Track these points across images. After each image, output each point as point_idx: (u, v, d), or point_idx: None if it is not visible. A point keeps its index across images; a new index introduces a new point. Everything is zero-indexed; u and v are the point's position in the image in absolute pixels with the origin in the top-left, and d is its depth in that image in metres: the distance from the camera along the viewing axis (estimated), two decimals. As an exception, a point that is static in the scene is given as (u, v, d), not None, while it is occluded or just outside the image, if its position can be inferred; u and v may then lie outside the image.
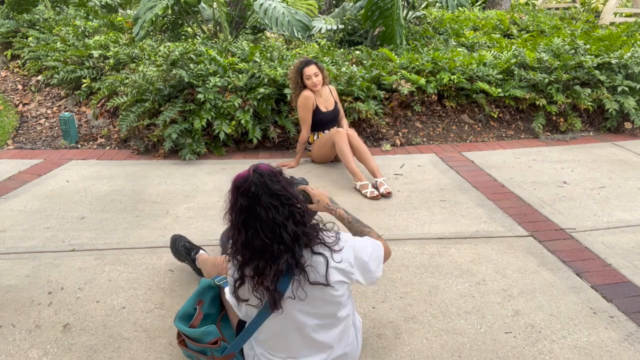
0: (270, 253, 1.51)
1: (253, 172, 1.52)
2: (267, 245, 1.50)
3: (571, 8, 11.35)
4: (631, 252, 2.77)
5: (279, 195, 1.51)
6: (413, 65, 4.98)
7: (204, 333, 1.75)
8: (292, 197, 1.54)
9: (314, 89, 3.89)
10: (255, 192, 1.49)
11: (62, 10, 8.08)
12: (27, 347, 2.05)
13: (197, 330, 1.77)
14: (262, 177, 1.51)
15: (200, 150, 4.25)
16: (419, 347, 2.05)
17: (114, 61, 5.20)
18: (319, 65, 3.90)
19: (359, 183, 3.61)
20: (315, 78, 3.85)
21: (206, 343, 1.75)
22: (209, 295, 1.90)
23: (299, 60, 3.95)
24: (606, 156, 4.33)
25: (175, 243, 2.52)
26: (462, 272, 2.58)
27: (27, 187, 3.69)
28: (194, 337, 1.76)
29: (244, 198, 1.50)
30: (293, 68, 3.94)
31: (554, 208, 3.33)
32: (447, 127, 4.91)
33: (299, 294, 1.56)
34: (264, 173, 1.53)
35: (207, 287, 1.91)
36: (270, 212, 1.48)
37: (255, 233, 1.50)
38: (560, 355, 2.00)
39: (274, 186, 1.51)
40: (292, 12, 5.25)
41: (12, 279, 2.52)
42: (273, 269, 1.51)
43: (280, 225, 1.50)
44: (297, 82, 3.91)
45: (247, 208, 1.49)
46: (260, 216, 1.49)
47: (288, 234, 1.50)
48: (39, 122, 5.27)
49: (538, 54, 5.18)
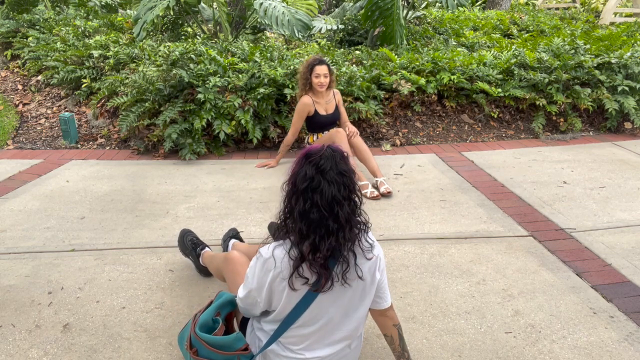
0: (325, 229, 1.53)
1: (327, 147, 1.58)
2: (323, 218, 1.52)
3: (571, 8, 11.35)
4: (631, 252, 2.77)
5: (344, 175, 1.55)
6: (413, 65, 4.98)
7: (236, 339, 1.73)
8: (353, 183, 1.58)
9: (320, 89, 3.88)
10: (324, 164, 1.53)
11: (62, 10, 8.08)
12: (27, 347, 2.05)
13: (229, 337, 1.74)
14: (335, 153, 1.56)
15: (200, 150, 4.25)
16: (419, 347, 2.05)
17: (114, 61, 5.20)
18: (330, 68, 3.89)
19: (359, 183, 3.61)
20: (324, 78, 3.84)
21: (237, 349, 1.73)
22: (226, 311, 1.88)
23: (313, 57, 3.93)
24: (606, 156, 4.33)
25: (184, 237, 2.55)
26: (462, 272, 2.58)
27: (27, 187, 3.69)
28: (223, 344, 1.73)
29: (311, 167, 1.53)
30: (305, 62, 3.92)
31: (554, 208, 3.33)
32: (447, 127, 4.91)
33: (342, 279, 1.60)
34: (337, 151, 1.58)
35: (228, 302, 1.88)
36: (333, 187, 1.52)
37: (313, 205, 1.52)
38: (560, 355, 2.00)
39: (342, 165, 1.56)
40: (292, 12, 5.25)
41: (12, 279, 2.52)
42: (326, 246, 1.53)
43: (339, 202, 1.53)
44: (307, 77, 3.89)
45: (312, 177, 1.52)
46: (323, 189, 1.51)
47: (343, 214, 1.54)
48: (39, 122, 5.27)
49: (538, 54, 5.18)
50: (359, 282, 1.63)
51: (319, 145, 1.59)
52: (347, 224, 1.55)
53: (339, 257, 1.57)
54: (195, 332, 1.77)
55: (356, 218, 1.59)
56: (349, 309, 1.67)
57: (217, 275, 2.28)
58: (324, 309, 1.64)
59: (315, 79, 3.85)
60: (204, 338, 1.74)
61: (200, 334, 1.75)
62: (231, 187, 3.68)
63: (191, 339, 1.78)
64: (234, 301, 1.90)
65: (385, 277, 1.75)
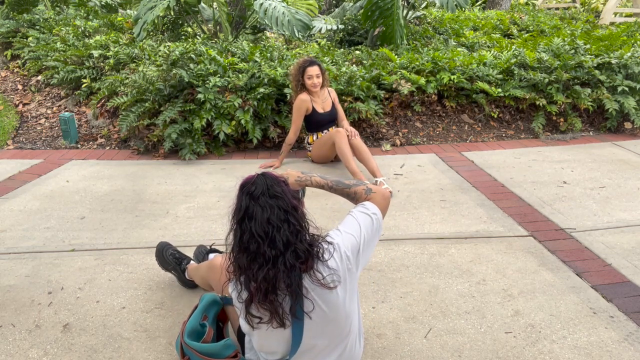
0: (263, 257, 1.47)
1: (258, 175, 1.55)
2: (260, 246, 1.47)
3: (571, 8, 11.35)
4: (631, 252, 2.77)
5: (277, 197, 1.50)
6: (413, 65, 4.98)
7: (224, 346, 1.70)
8: (290, 204, 1.52)
9: (313, 89, 3.90)
10: (256, 190, 1.50)
11: (62, 10, 8.08)
12: (27, 347, 2.05)
13: (217, 344, 1.70)
14: (266, 179, 1.53)
15: (200, 150, 4.25)
16: (419, 347, 2.05)
17: (114, 61, 5.20)
18: (321, 67, 3.91)
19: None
20: (317, 79, 3.86)
21: (225, 357, 1.70)
22: (213, 311, 1.86)
23: (303, 58, 3.95)
24: (606, 156, 4.33)
25: (163, 251, 2.42)
26: (462, 272, 2.58)
27: (27, 187, 3.69)
28: (211, 352, 1.69)
29: (245, 197, 1.51)
30: (296, 65, 3.94)
31: (554, 208, 3.33)
32: (447, 127, 4.91)
33: (308, 306, 1.52)
34: (269, 176, 1.55)
35: (212, 302, 1.87)
36: (266, 211, 1.48)
37: (250, 235, 1.48)
38: (560, 355, 2.00)
39: (274, 188, 1.52)
40: (292, 12, 5.25)
41: (12, 279, 2.52)
42: (262, 275, 1.47)
43: (274, 227, 1.47)
44: (298, 79, 3.91)
45: (247, 206, 1.50)
46: (256, 215, 1.48)
47: (281, 237, 1.47)
48: (39, 122, 5.27)
49: (538, 54, 5.18)
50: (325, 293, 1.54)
51: (252, 175, 1.55)
52: (287, 249, 1.47)
53: (293, 289, 1.49)
54: (184, 341, 1.75)
55: (302, 244, 1.50)
56: (341, 322, 1.60)
57: (203, 285, 2.24)
58: (315, 336, 1.59)
59: (307, 80, 3.87)
60: (193, 346, 1.72)
61: (189, 342, 1.73)
62: (231, 187, 3.68)
63: (182, 348, 1.78)
64: (217, 300, 1.90)
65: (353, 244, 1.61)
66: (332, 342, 1.63)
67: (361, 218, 1.67)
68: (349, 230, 1.63)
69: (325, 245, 1.55)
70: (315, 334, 1.58)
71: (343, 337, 1.64)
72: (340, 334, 1.63)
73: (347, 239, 1.61)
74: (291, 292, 1.49)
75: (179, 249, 2.50)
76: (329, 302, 1.54)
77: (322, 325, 1.57)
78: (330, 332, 1.60)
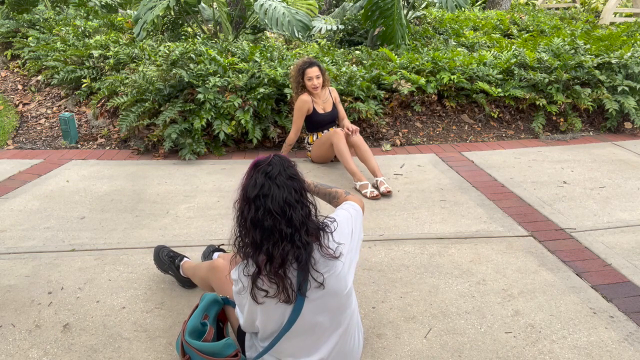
0: (279, 234, 1.53)
1: (274, 156, 1.62)
2: (276, 223, 1.52)
3: (571, 8, 11.35)
4: (631, 252, 2.77)
5: (294, 179, 1.58)
6: (413, 65, 4.98)
7: (225, 346, 1.71)
8: (304, 188, 1.61)
9: (314, 90, 3.90)
10: (273, 170, 1.56)
11: (62, 10, 8.08)
12: (27, 347, 2.05)
13: (217, 343, 1.71)
14: (282, 160, 1.61)
15: (200, 150, 4.25)
16: (419, 347, 2.05)
17: (114, 61, 5.20)
18: (321, 67, 3.90)
19: (358, 183, 3.61)
20: (317, 80, 3.85)
21: (226, 356, 1.70)
22: (214, 310, 1.87)
23: (302, 60, 3.95)
24: (606, 156, 4.33)
25: (159, 253, 2.45)
26: (462, 272, 2.58)
27: (27, 187, 3.69)
28: (212, 351, 1.70)
29: (261, 175, 1.56)
30: (295, 67, 3.94)
31: (554, 208, 3.33)
32: (447, 127, 4.91)
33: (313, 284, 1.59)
34: (284, 158, 1.63)
35: (212, 301, 1.88)
36: (284, 190, 1.54)
37: (266, 211, 1.53)
38: (560, 355, 2.00)
39: (291, 170, 1.60)
40: (292, 12, 5.25)
41: (12, 279, 2.52)
42: (279, 250, 1.53)
43: (291, 205, 1.54)
44: (298, 81, 3.91)
45: (263, 184, 1.54)
46: (274, 193, 1.53)
47: (297, 217, 1.54)
48: (39, 122, 5.27)
49: (538, 54, 5.18)
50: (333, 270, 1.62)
51: (266, 155, 1.63)
52: (302, 227, 1.56)
53: (303, 265, 1.56)
54: (185, 340, 1.76)
55: (312, 222, 1.60)
56: (342, 295, 1.66)
57: (203, 286, 2.24)
58: (318, 311, 1.63)
59: (308, 82, 3.86)
60: (194, 345, 1.73)
61: (190, 341, 1.74)
62: (231, 187, 3.68)
63: (183, 347, 1.78)
64: (218, 299, 1.90)
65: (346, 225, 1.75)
66: (334, 320, 1.67)
67: (346, 206, 1.85)
68: (342, 214, 1.80)
69: (329, 221, 1.67)
70: (318, 309, 1.63)
71: (344, 313, 1.69)
72: (341, 308, 1.67)
73: (342, 217, 1.77)
74: (301, 267, 1.56)
75: (179, 249, 2.50)
76: (332, 273, 1.61)
77: (325, 299, 1.62)
78: (332, 307, 1.65)
